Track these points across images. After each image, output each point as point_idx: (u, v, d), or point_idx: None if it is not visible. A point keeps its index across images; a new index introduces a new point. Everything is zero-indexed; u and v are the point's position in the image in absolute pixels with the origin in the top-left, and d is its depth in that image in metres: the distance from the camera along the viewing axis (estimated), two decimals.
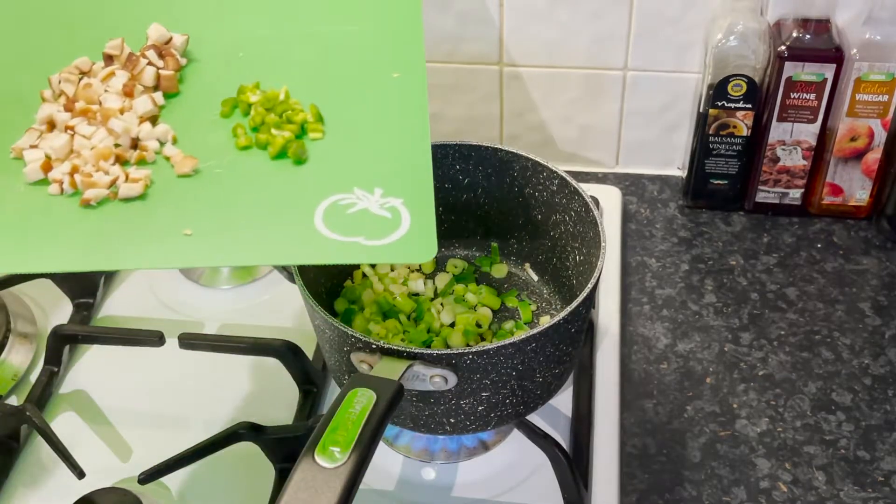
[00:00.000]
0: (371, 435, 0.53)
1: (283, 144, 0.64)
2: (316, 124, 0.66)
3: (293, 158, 0.64)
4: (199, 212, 0.61)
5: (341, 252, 0.57)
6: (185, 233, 0.59)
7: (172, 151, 0.65)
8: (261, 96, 0.68)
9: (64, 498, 0.69)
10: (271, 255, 0.58)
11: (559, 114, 0.99)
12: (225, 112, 0.68)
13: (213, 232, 0.59)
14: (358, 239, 0.58)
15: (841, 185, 0.92)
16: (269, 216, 0.60)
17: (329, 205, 0.60)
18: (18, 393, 0.79)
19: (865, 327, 0.84)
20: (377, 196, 0.60)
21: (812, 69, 0.85)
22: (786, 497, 0.71)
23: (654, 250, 0.92)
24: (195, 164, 0.63)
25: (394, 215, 0.59)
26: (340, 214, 0.59)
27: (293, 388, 0.77)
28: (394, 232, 0.58)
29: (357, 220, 0.59)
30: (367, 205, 0.60)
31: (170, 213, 0.61)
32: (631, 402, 0.78)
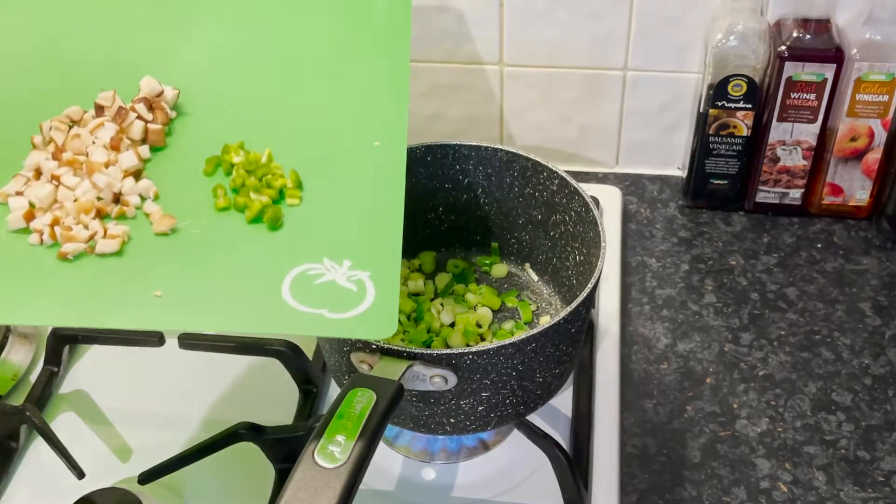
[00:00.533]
0: (371, 435, 0.53)
1: (259, 209, 0.66)
2: (294, 190, 0.67)
3: (268, 224, 0.65)
4: (171, 274, 0.62)
5: (306, 324, 0.59)
6: (156, 294, 0.60)
7: (152, 209, 0.66)
8: (243, 158, 0.69)
9: (64, 498, 0.69)
10: (237, 325, 0.59)
11: (559, 114, 0.99)
12: (208, 171, 0.69)
13: (182, 297, 0.60)
14: (322, 311, 0.59)
15: (841, 185, 0.92)
16: (238, 283, 0.62)
17: (298, 274, 0.62)
18: (18, 393, 0.79)
19: (865, 327, 0.84)
20: (345, 268, 0.62)
21: (812, 69, 0.85)
22: (786, 497, 0.71)
23: (654, 250, 0.92)
24: (173, 223, 0.65)
25: (359, 289, 0.60)
26: (308, 285, 0.61)
27: (293, 388, 0.77)
28: (357, 306, 0.59)
29: (323, 292, 0.60)
30: (334, 276, 0.61)
31: (143, 273, 0.62)
32: (631, 402, 0.78)
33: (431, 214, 0.82)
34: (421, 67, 0.97)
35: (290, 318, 0.59)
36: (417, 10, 0.92)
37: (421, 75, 0.97)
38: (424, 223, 0.82)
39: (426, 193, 0.80)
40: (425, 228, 0.82)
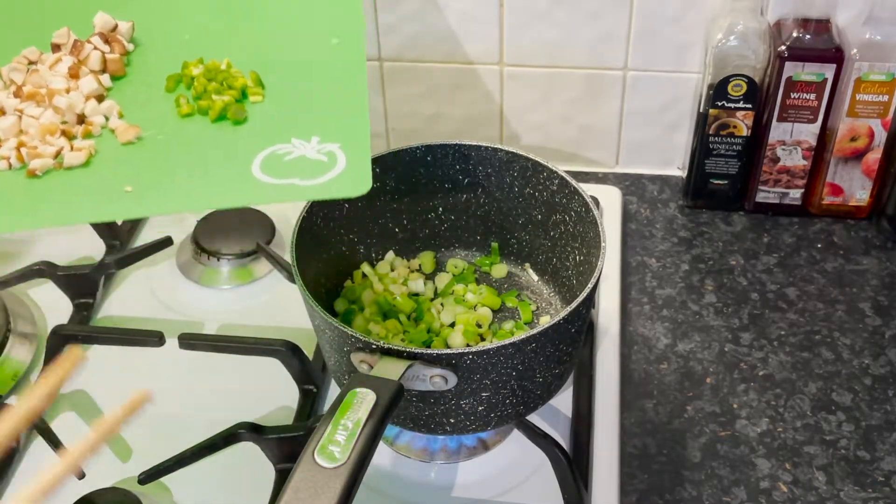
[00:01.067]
0: (371, 435, 0.53)
1: (222, 107, 0.67)
2: (256, 88, 0.70)
3: (232, 119, 0.67)
4: (140, 171, 0.64)
5: (277, 193, 0.60)
6: (126, 189, 0.62)
7: (117, 123, 0.68)
8: (203, 69, 0.72)
9: (64, 498, 0.69)
10: (208, 201, 0.61)
11: (559, 114, 0.99)
12: (169, 87, 0.72)
13: (152, 186, 0.62)
14: (293, 181, 0.61)
15: (841, 185, 0.92)
16: (207, 169, 0.64)
17: (267, 155, 0.63)
18: (18, 393, 0.79)
19: (865, 327, 0.84)
20: (314, 143, 0.64)
21: (812, 69, 0.85)
22: (786, 497, 0.71)
23: (654, 250, 0.92)
24: (138, 131, 0.67)
25: (330, 158, 0.62)
26: (278, 162, 0.63)
27: (293, 388, 0.77)
28: (329, 172, 0.61)
29: (293, 165, 0.62)
30: (303, 152, 0.63)
31: (112, 175, 0.64)
32: (631, 402, 0.78)
33: (431, 214, 0.82)
34: (421, 67, 0.97)
35: (260, 191, 0.60)
36: (417, 11, 0.92)
37: (421, 75, 0.98)
38: (424, 223, 0.82)
39: (426, 193, 0.80)
40: (425, 228, 0.82)
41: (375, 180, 0.76)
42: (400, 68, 0.97)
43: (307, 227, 0.71)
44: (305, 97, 0.69)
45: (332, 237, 0.77)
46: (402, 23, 0.94)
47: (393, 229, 0.81)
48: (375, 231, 0.81)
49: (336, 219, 0.76)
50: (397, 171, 0.77)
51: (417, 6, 0.92)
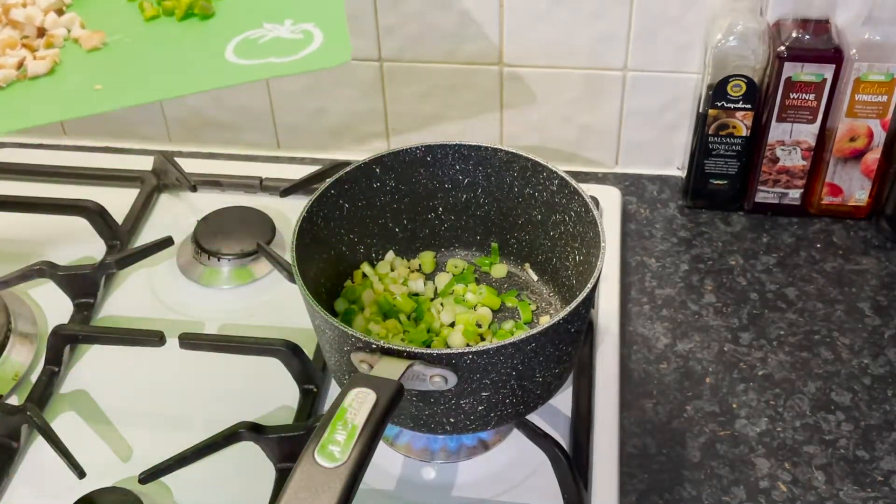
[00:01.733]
0: (371, 435, 0.53)
1: (188, 4, 0.66)
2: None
3: (199, 14, 0.66)
4: (109, 71, 0.63)
5: (254, 72, 0.59)
6: (96, 88, 0.61)
7: (80, 32, 0.66)
8: None
9: (64, 498, 0.69)
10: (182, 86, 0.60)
11: (559, 114, 0.99)
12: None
13: (123, 82, 0.61)
14: (269, 59, 0.60)
15: (840, 186, 0.92)
16: (180, 61, 0.62)
17: (239, 41, 0.63)
18: (19, 393, 0.79)
19: (865, 327, 0.84)
20: (287, 25, 0.63)
21: (811, 69, 0.85)
22: (785, 497, 0.71)
23: (654, 250, 0.92)
24: (102, 36, 0.65)
25: (306, 36, 0.61)
26: (252, 46, 0.62)
27: (293, 388, 0.77)
28: (306, 48, 0.60)
29: (269, 46, 0.61)
30: (278, 33, 0.62)
31: (80, 78, 0.62)
32: (631, 401, 0.78)
33: (431, 214, 0.82)
34: (421, 67, 0.97)
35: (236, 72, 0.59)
36: (417, 11, 0.93)
37: (421, 75, 0.98)
38: (424, 223, 0.82)
39: (426, 193, 0.80)
40: (425, 228, 0.82)
41: (375, 180, 0.77)
42: (400, 68, 0.97)
43: (307, 227, 0.71)
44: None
45: (332, 237, 0.77)
46: (402, 23, 0.94)
47: (393, 229, 0.82)
48: (375, 231, 0.81)
49: (336, 219, 0.76)
50: (397, 171, 0.77)
51: (417, 6, 0.92)
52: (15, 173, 1.01)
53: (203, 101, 1.03)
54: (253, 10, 0.66)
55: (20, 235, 0.94)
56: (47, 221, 0.93)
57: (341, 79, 0.99)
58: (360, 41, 0.96)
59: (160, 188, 0.99)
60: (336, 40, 0.60)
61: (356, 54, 0.97)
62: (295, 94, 1.01)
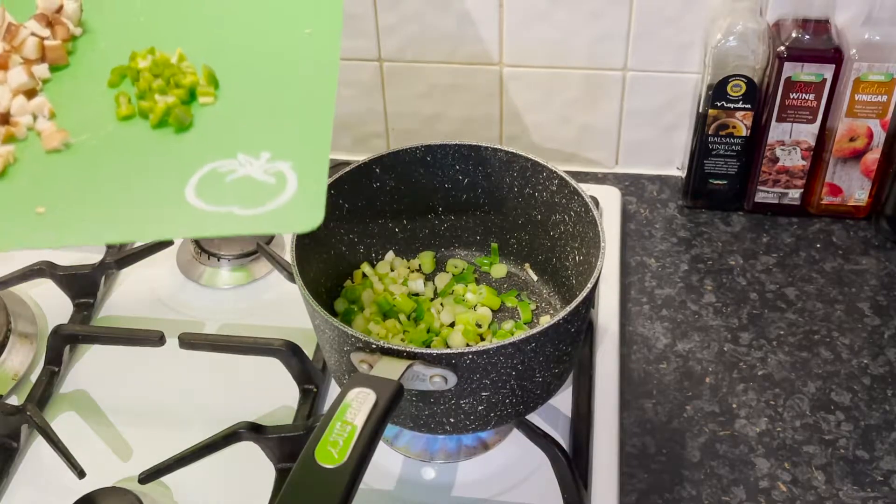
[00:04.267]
0: (371, 435, 0.53)
1: (164, 111, 0.59)
2: (207, 88, 0.61)
3: (175, 125, 0.59)
4: (58, 188, 0.55)
5: (211, 225, 0.52)
6: (38, 211, 0.54)
7: (44, 125, 0.60)
8: (150, 61, 0.63)
9: (64, 498, 0.69)
10: (128, 232, 0.53)
11: (559, 114, 0.99)
12: (113, 81, 0.63)
13: (69, 211, 0.54)
14: (231, 208, 0.52)
15: (840, 186, 0.92)
16: (135, 191, 0.55)
17: (206, 173, 0.55)
18: (19, 393, 0.79)
19: (864, 327, 0.84)
20: (263, 161, 0.55)
21: (811, 69, 0.85)
22: (785, 497, 0.71)
23: (654, 250, 0.92)
24: (65, 137, 0.58)
25: (278, 181, 0.53)
26: (217, 183, 0.54)
27: (293, 388, 0.77)
28: (274, 199, 0.52)
29: (234, 189, 0.53)
30: (249, 171, 0.54)
31: (26, 190, 0.55)
32: (631, 401, 0.78)
33: (431, 214, 0.82)
34: (421, 67, 0.97)
35: (191, 221, 0.52)
36: (417, 11, 0.93)
37: (421, 75, 0.98)
38: (424, 223, 0.82)
39: (426, 193, 0.80)
40: (425, 228, 0.82)
41: (375, 180, 0.77)
42: (400, 68, 0.97)
43: None
44: (263, 100, 0.60)
45: (332, 237, 0.77)
46: (402, 23, 0.94)
47: (393, 229, 0.82)
48: (375, 231, 0.81)
49: (336, 219, 0.76)
50: (397, 171, 0.78)
51: (417, 6, 0.92)
52: None
53: None
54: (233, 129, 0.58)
55: None
56: None
57: (341, 79, 0.99)
58: (360, 41, 0.96)
59: None
60: (309, 194, 0.52)
61: (356, 54, 0.97)
62: None
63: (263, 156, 0.55)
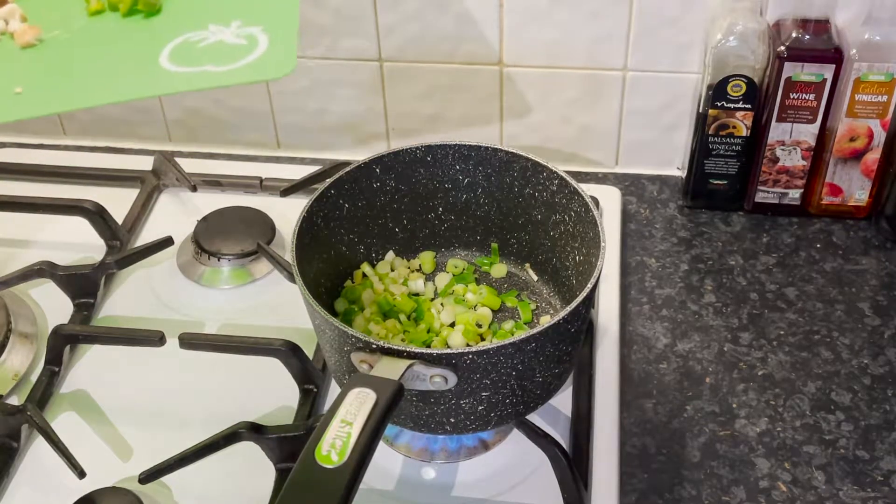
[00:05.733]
0: (371, 435, 0.53)
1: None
2: None
3: (144, 10, 0.61)
4: (34, 73, 0.58)
5: (187, 81, 0.54)
6: (16, 91, 0.56)
7: (17, 26, 0.62)
8: None
9: (64, 498, 0.69)
10: (105, 95, 0.55)
11: (559, 114, 0.99)
12: None
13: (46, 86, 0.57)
14: (206, 67, 0.55)
15: (840, 186, 0.92)
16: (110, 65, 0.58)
17: (178, 43, 0.58)
18: (19, 393, 0.79)
19: (865, 327, 0.84)
20: (234, 27, 0.58)
21: (811, 69, 0.85)
22: (785, 497, 0.71)
23: (654, 250, 0.92)
24: (37, 32, 0.61)
25: (250, 42, 0.56)
26: (190, 50, 0.57)
27: (293, 388, 0.77)
28: (247, 56, 0.55)
29: (207, 52, 0.56)
30: (220, 37, 0.58)
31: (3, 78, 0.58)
32: (631, 401, 0.78)
33: (431, 214, 0.82)
34: (421, 67, 0.97)
35: (167, 80, 0.54)
36: (417, 11, 0.93)
37: (421, 75, 0.98)
38: (424, 223, 0.82)
39: (426, 193, 0.80)
40: (425, 228, 0.82)
41: (375, 180, 0.77)
42: (400, 68, 0.97)
43: (307, 227, 0.71)
44: None
45: (332, 237, 0.77)
46: (402, 23, 0.94)
47: (393, 229, 0.82)
48: (375, 231, 0.81)
49: (336, 219, 0.76)
50: (397, 171, 0.78)
51: (417, 6, 0.92)
52: (15, 173, 1.01)
53: (203, 101, 1.03)
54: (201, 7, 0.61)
55: (20, 235, 0.94)
56: (47, 221, 0.93)
57: (341, 79, 0.99)
58: (360, 41, 0.96)
59: (160, 188, 0.99)
60: (281, 47, 0.55)
61: (356, 54, 0.97)
62: (295, 94, 1.01)
63: (234, 24, 0.58)
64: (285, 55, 0.54)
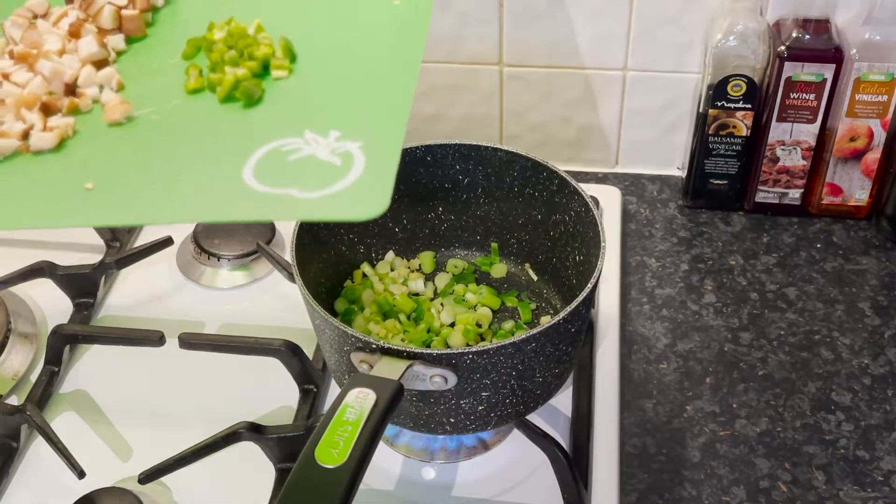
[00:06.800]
0: (371, 435, 0.53)
1: (232, 84, 0.55)
2: (282, 60, 0.57)
3: (243, 99, 0.55)
4: (111, 164, 0.52)
5: (265, 206, 0.48)
6: (87, 187, 0.51)
7: (109, 97, 0.57)
8: (226, 32, 0.59)
9: (64, 498, 0.69)
10: (176, 213, 0.49)
11: (559, 114, 0.99)
12: (188, 53, 0.60)
13: (117, 188, 0.50)
14: (290, 191, 0.48)
15: (840, 185, 0.92)
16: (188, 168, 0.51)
17: (268, 151, 0.51)
18: (19, 393, 0.79)
19: (865, 327, 0.84)
20: (331, 139, 0.51)
21: (812, 69, 0.85)
22: (785, 497, 0.71)
23: (654, 250, 0.92)
24: (127, 109, 0.56)
25: (344, 161, 0.49)
26: (279, 162, 0.50)
27: (293, 388, 0.77)
28: (339, 181, 0.48)
29: (296, 169, 0.49)
30: (314, 150, 0.50)
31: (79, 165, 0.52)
32: (631, 401, 0.78)
33: (431, 214, 0.82)
34: (421, 67, 0.97)
35: (246, 203, 0.48)
36: None
37: (421, 75, 0.97)
38: (424, 223, 0.82)
39: (426, 193, 0.80)
40: (425, 228, 0.82)
41: None
42: None
43: (307, 227, 0.71)
44: (340, 75, 0.56)
45: (332, 237, 0.77)
46: None
47: (393, 229, 0.82)
48: (375, 231, 0.81)
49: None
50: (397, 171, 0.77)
51: None
52: None
53: None
54: (302, 106, 0.54)
55: (20, 235, 0.94)
56: None
57: None
58: None
59: None
60: (377, 177, 0.47)
61: None
62: None
63: (332, 134, 0.52)
64: (379, 190, 0.47)
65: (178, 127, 0.55)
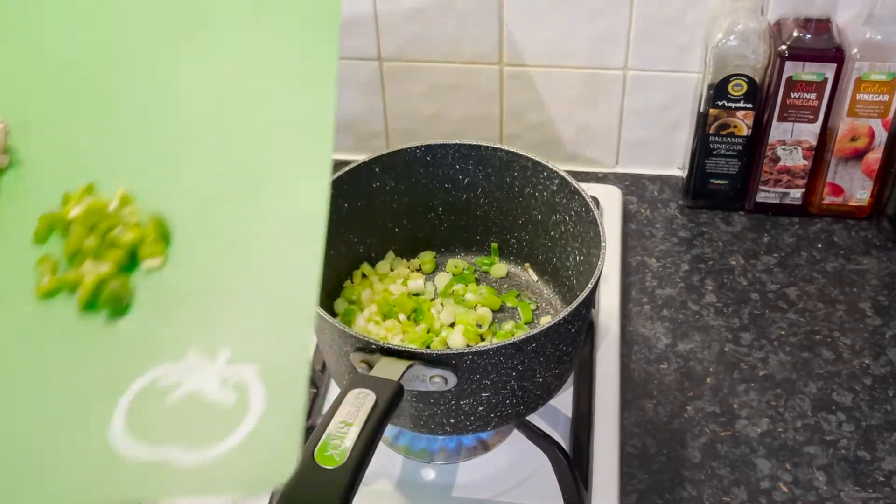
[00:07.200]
0: (371, 435, 0.53)
1: (94, 286, 0.44)
2: (154, 245, 0.45)
3: (108, 307, 0.44)
4: None
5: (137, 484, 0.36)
6: None
7: None
8: (83, 208, 0.47)
9: None
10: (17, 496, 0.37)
11: (559, 114, 0.99)
12: (39, 234, 0.47)
13: None
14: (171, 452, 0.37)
15: (841, 185, 0.92)
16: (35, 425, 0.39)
17: (141, 389, 0.40)
18: None
19: (866, 327, 0.84)
20: (220, 363, 0.41)
21: (812, 69, 0.84)
22: (786, 497, 0.71)
23: (655, 250, 0.92)
24: None
25: (239, 397, 0.39)
26: (154, 405, 0.39)
27: None
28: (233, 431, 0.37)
29: (179, 416, 0.38)
30: (199, 383, 0.40)
31: None
32: (631, 402, 0.78)
33: (431, 214, 0.82)
34: (421, 67, 0.97)
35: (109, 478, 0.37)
36: (417, 11, 0.92)
37: (421, 75, 0.97)
38: (424, 223, 0.82)
39: (426, 193, 0.80)
40: (425, 228, 0.82)
41: (375, 180, 0.77)
42: (400, 68, 0.97)
43: None
44: (227, 261, 0.45)
45: (331, 237, 0.77)
46: (402, 23, 0.94)
47: (393, 229, 0.81)
48: (375, 231, 0.81)
49: (336, 219, 0.76)
50: (397, 171, 0.77)
51: (417, 6, 0.92)
52: None
53: None
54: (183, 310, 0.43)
55: None
56: None
57: (341, 78, 0.99)
58: (359, 41, 0.96)
59: None
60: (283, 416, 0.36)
61: (356, 54, 0.97)
62: None
63: (222, 355, 0.41)
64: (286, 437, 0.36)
65: (22, 355, 0.43)
